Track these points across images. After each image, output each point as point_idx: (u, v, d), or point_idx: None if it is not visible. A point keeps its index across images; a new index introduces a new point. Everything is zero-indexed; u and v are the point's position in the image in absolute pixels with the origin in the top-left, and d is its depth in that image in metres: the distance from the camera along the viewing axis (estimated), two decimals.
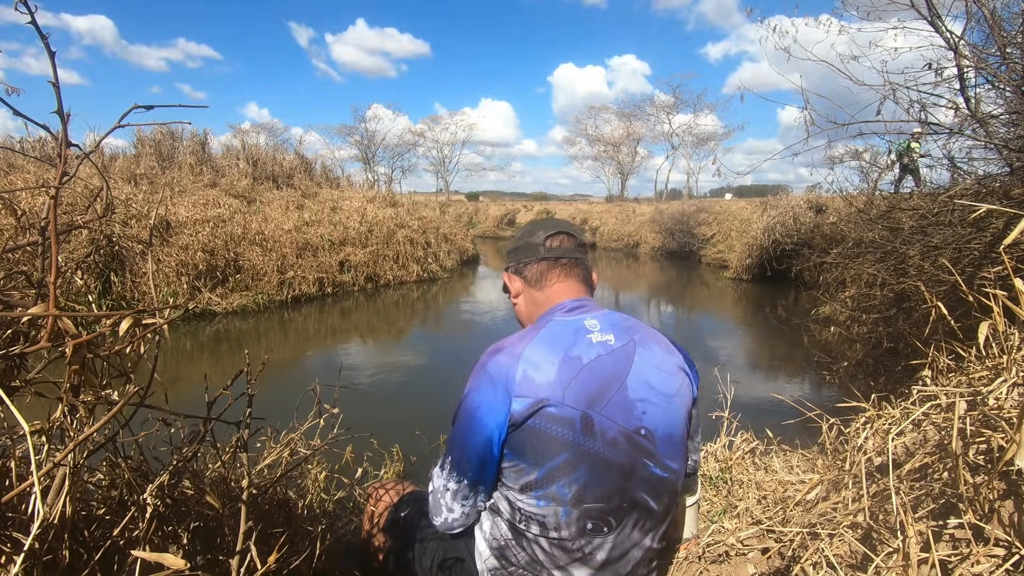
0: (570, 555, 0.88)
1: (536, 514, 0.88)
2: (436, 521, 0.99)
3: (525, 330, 0.97)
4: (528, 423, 0.84)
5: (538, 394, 0.84)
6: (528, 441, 0.85)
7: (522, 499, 0.88)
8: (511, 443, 0.86)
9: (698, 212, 16.61)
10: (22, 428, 0.58)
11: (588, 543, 0.87)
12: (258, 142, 15.21)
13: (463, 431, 0.90)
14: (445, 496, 0.95)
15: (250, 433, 1.03)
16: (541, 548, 0.89)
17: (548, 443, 0.84)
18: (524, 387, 0.85)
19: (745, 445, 1.91)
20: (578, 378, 0.86)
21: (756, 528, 1.33)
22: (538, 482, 0.86)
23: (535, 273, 1.04)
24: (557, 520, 0.86)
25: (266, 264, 7.64)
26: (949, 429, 0.94)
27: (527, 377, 0.85)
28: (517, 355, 0.88)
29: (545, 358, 0.87)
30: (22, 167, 7.26)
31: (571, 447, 0.85)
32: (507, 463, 0.88)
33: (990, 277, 1.87)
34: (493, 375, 0.88)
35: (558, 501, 0.86)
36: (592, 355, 0.89)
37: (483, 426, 0.87)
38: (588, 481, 0.86)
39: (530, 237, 1.06)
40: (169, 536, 0.93)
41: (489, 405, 0.86)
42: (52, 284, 0.61)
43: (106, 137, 0.76)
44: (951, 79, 2.55)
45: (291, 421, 1.51)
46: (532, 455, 0.85)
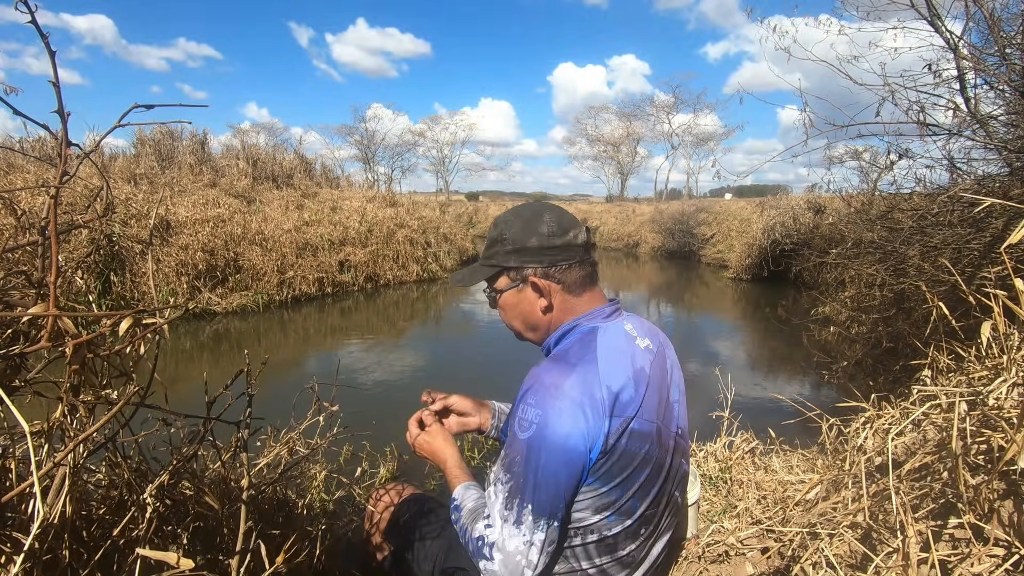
0: (616, 559, 0.87)
1: (600, 528, 0.84)
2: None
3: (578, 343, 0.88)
4: (618, 444, 0.79)
5: (625, 412, 0.80)
6: (617, 464, 0.80)
7: (591, 517, 0.84)
8: (599, 468, 0.80)
9: (698, 212, 16.61)
10: (22, 428, 0.58)
11: (635, 547, 0.88)
12: (258, 142, 15.23)
13: (551, 467, 0.78)
14: (529, 553, 0.79)
15: (250, 433, 1.03)
16: (588, 555, 0.86)
17: (634, 462, 0.81)
18: (612, 406, 0.79)
19: (745, 445, 1.91)
20: (648, 390, 0.84)
21: (756, 528, 1.33)
22: (616, 502, 0.83)
23: (577, 277, 0.92)
24: (619, 529, 0.85)
25: (266, 264, 7.64)
26: (949, 429, 0.94)
27: (612, 394, 0.79)
28: (595, 372, 0.81)
29: (620, 372, 0.82)
30: (22, 167, 7.25)
31: (651, 462, 0.83)
32: (588, 487, 0.81)
33: (990, 277, 1.87)
34: (577, 397, 0.78)
35: (629, 515, 0.84)
36: (647, 364, 0.87)
37: (577, 455, 0.78)
38: (653, 491, 0.86)
39: (564, 236, 0.91)
40: (169, 536, 0.93)
41: (581, 431, 0.77)
42: (52, 284, 0.61)
43: (106, 137, 0.76)
44: (950, 80, 2.55)
45: (290, 421, 1.51)
46: (619, 477, 0.81)
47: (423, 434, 1.10)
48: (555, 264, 0.91)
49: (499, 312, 1.01)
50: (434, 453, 1.08)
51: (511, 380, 0.86)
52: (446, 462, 1.05)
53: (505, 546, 0.80)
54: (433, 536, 1.12)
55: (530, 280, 0.92)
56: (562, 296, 0.93)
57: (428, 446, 1.09)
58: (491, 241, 0.97)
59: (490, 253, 0.96)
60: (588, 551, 0.86)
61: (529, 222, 0.92)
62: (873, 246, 3.16)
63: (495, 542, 0.81)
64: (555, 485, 0.78)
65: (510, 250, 0.93)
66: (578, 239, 0.92)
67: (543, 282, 0.92)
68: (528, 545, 0.79)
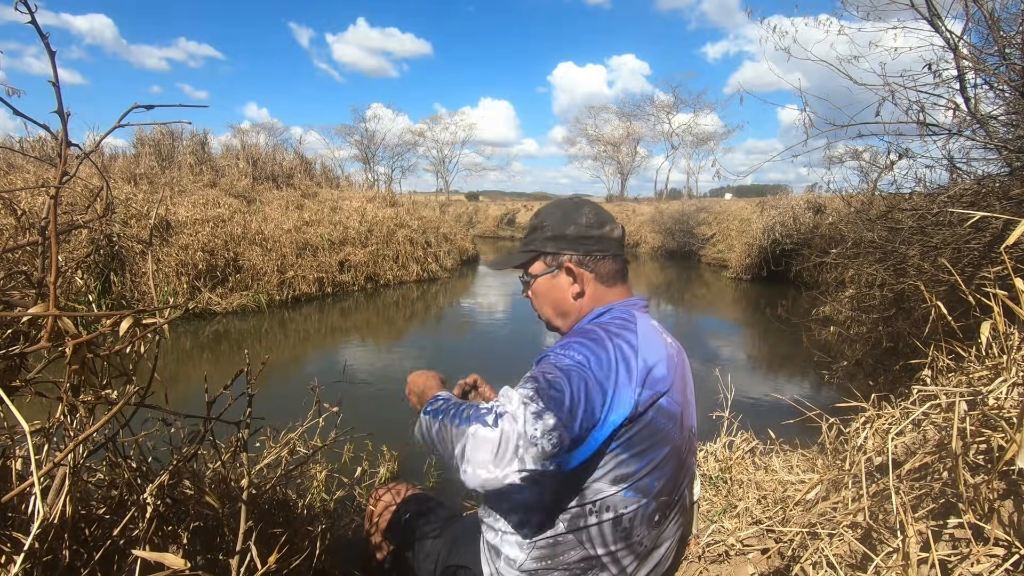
0: (630, 546, 0.88)
1: (617, 505, 0.85)
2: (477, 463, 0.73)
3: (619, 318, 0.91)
4: (645, 415, 0.83)
5: (656, 387, 0.84)
6: (641, 433, 0.83)
7: (607, 490, 0.84)
8: (624, 434, 0.82)
9: (698, 212, 16.61)
10: (22, 428, 0.58)
11: (648, 534, 0.89)
12: (258, 142, 15.21)
13: (586, 398, 0.76)
14: (526, 449, 0.72)
15: (250, 433, 1.03)
16: (603, 540, 0.86)
17: (657, 436, 0.85)
18: (647, 376, 0.83)
19: (745, 445, 1.91)
20: (676, 375, 0.89)
21: (756, 528, 1.33)
22: (635, 474, 0.84)
23: (610, 270, 0.97)
24: (636, 512, 0.86)
25: (266, 264, 7.64)
26: (949, 429, 0.94)
27: (647, 367, 0.84)
28: (635, 344, 0.85)
29: (655, 352, 0.87)
30: (22, 167, 7.25)
31: (671, 442, 0.87)
32: (610, 453, 0.83)
33: (990, 277, 1.87)
34: (619, 356, 0.82)
35: (645, 493, 0.86)
36: (675, 353, 0.93)
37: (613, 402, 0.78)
38: (670, 476, 0.89)
39: (601, 229, 0.97)
40: (169, 536, 0.93)
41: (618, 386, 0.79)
42: (52, 284, 0.61)
43: (106, 137, 0.76)
44: (950, 80, 2.55)
45: (291, 421, 1.51)
46: (640, 447, 0.84)
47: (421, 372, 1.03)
48: (590, 253, 0.96)
49: (531, 300, 1.04)
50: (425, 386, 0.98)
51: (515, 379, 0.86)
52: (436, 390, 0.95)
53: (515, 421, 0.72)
54: (434, 535, 1.12)
55: (565, 265, 0.97)
56: (594, 285, 0.97)
57: (422, 378, 1.00)
58: (531, 228, 1.02)
59: (529, 239, 1.02)
60: (603, 533, 0.86)
61: (568, 213, 0.98)
62: (873, 246, 3.16)
63: (505, 413, 0.74)
64: (583, 395, 0.76)
65: (548, 236, 0.98)
66: (614, 233, 0.98)
67: (577, 269, 0.96)
68: (523, 436, 0.72)
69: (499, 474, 0.72)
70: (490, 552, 0.97)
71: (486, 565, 0.97)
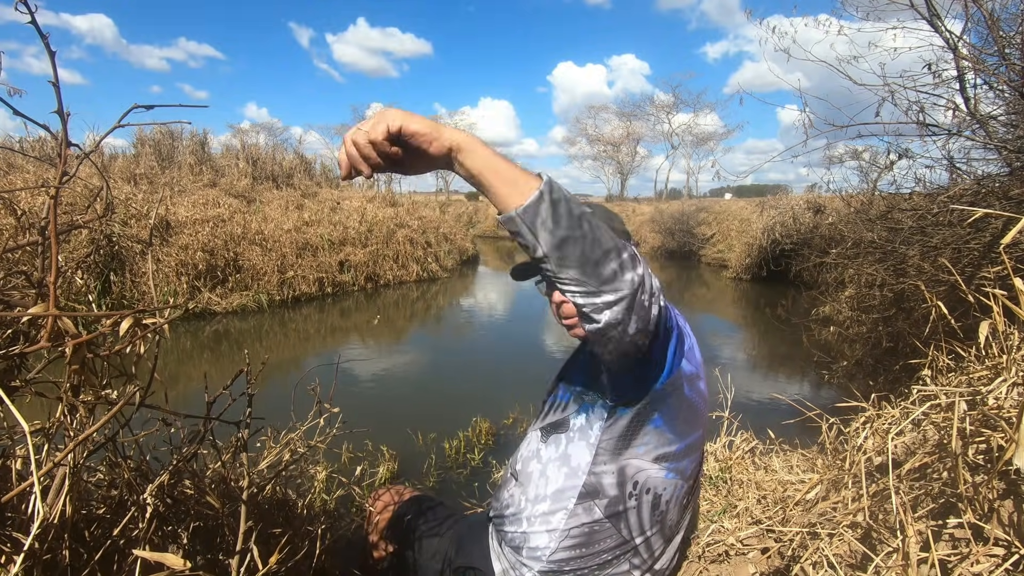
0: (662, 530, 0.90)
1: (657, 487, 0.86)
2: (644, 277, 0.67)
3: None
4: (689, 389, 0.84)
5: (698, 368, 0.87)
6: (683, 409, 0.84)
7: (650, 469, 0.85)
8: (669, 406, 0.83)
9: (698, 212, 16.60)
10: (22, 428, 0.58)
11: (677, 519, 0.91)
12: (258, 142, 15.19)
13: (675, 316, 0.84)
14: (627, 272, 0.65)
15: (250, 433, 1.03)
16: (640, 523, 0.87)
17: (695, 416, 0.87)
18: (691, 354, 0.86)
19: (745, 445, 1.91)
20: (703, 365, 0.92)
21: (756, 528, 1.33)
22: (676, 454, 0.86)
23: None
24: (673, 493, 0.88)
25: (266, 264, 7.64)
26: (949, 429, 0.94)
27: (692, 347, 0.87)
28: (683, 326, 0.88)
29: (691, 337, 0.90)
30: (22, 167, 7.25)
31: (704, 424, 0.90)
32: (654, 427, 0.84)
33: (990, 277, 1.88)
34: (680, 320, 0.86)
35: (682, 475, 0.88)
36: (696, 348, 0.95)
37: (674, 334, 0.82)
38: (699, 460, 0.92)
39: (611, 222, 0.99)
40: (169, 536, 0.93)
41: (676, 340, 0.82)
42: (52, 284, 0.61)
43: (106, 137, 0.76)
44: (950, 80, 2.55)
45: (291, 421, 1.51)
46: (682, 424, 0.85)
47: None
48: None
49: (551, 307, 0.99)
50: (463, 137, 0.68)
51: (515, 379, 0.86)
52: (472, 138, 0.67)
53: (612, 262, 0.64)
54: (435, 534, 1.12)
55: None
56: None
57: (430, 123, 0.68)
58: None
59: None
60: (641, 517, 0.87)
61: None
62: (873, 246, 3.16)
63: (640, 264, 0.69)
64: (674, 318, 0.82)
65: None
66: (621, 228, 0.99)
67: None
68: (631, 270, 0.66)
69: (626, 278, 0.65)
70: (505, 547, 0.95)
71: (497, 562, 0.97)
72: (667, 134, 33.19)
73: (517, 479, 0.97)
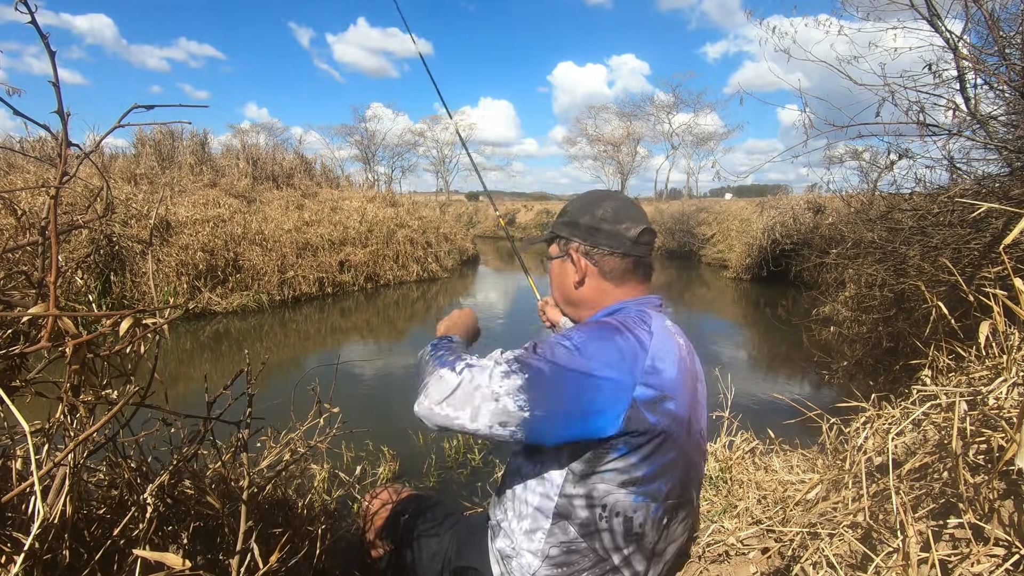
0: (642, 549, 0.88)
1: (626, 510, 0.84)
2: (436, 409, 0.79)
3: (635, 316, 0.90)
4: (651, 415, 0.80)
5: (663, 388, 0.82)
6: (645, 435, 0.81)
7: (616, 494, 0.83)
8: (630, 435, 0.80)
9: (698, 212, 16.61)
10: (22, 428, 0.58)
11: (660, 538, 0.89)
12: (258, 142, 15.20)
13: (567, 373, 0.78)
14: (487, 404, 0.77)
15: (250, 433, 1.03)
16: (616, 545, 0.86)
17: (664, 440, 0.82)
18: (652, 376, 0.81)
19: (745, 445, 1.91)
20: (686, 378, 0.87)
21: (756, 528, 1.33)
22: (644, 478, 0.83)
23: (615, 267, 0.96)
24: (646, 516, 0.85)
25: (266, 264, 7.64)
26: (949, 429, 0.94)
27: (655, 367, 0.82)
28: (647, 344, 0.84)
29: (666, 353, 0.85)
30: (22, 167, 7.26)
31: (678, 446, 0.85)
32: (617, 455, 0.81)
33: (990, 277, 1.87)
34: (623, 348, 0.81)
35: (654, 498, 0.85)
36: (687, 356, 0.91)
37: (598, 391, 0.77)
38: (678, 479, 0.88)
39: (614, 225, 0.94)
40: (169, 536, 0.93)
41: (614, 376, 0.78)
42: (52, 284, 0.61)
43: (106, 137, 0.76)
44: (950, 80, 2.55)
45: (290, 421, 1.51)
46: (647, 451, 0.82)
47: (467, 311, 1.13)
48: (597, 246, 0.95)
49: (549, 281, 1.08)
50: (456, 325, 1.07)
51: None
52: (458, 333, 1.04)
53: (478, 375, 0.79)
54: (434, 535, 1.12)
55: (570, 252, 0.98)
56: (597, 280, 0.97)
57: (461, 318, 1.10)
58: (559, 213, 1.04)
59: (554, 223, 1.04)
60: (615, 538, 0.86)
61: (588, 204, 0.98)
62: (873, 246, 3.16)
63: (476, 365, 0.81)
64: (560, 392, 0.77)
65: (565, 222, 1.00)
66: (629, 232, 0.94)
67: (581, 259, 0.97)
68: (492, 394, 0.76)
69: (448, 413, 0.78)
70: (501, 556, 0.95)
71: (496, 566, 0.96)
72: (667, 134, 33.17)
73: (504, 493, 0.98)
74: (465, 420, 0.78)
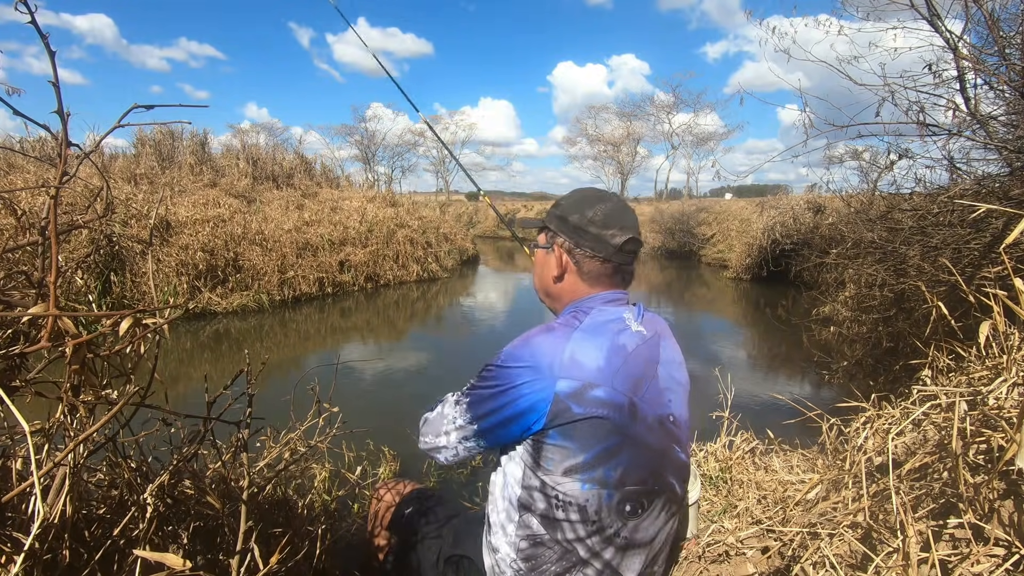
0: (606, 539, 0.89)
1: (577, 498, 0.87)
2: (428, 439, 1.00)
3: (565, 317, 0.96)
4: (577, 405, 0.84)
5: (586, 377, 0.85)
6: (577, 424, 0.84)
7: (563, 483, 0.86)
8: (558, 425, 0.85)
9: (698, 212, 16.61)
10: (22, 428, 0.58)
11: (624, 525, 0.89)
12: (258, 142, 15.19)
13: (497, 391, 0.88)
14: (450, 427, 0.96)
15: (250, 433, 1.03)
16: (577, 535, 0.88)
17: (598, 426, 0.85)
18: (572, 369, 0.85)
19: (745, 445, 1.91)
20: (625, 365, 0.89)
21: (756, 528, 1.33)
22: (584, 465, 0.86)
23: (594, 269, 0.99)
24: (599, 503, 0.87)
25: (266, 264, 7.64)
26: (949, 429, 0.94)
27: (575, 360, 0.86)
28: (567, 337, 0.88)
29: (593, 343, 0.88)
30: (22, 167, 7.26)
31: (619, 431, 0.87)
32: (552, 444, 0.86)
33: (990, 277, 1.88)
34: (538, 351, 0.87)
35: (603, 484, 0.87)
36: (633, 344, 0.92)
37: (523, 395, 0.86)
38: (630, 464, 0.88)
39: (602, 230, 0.97)
40: (169, 536, 0.93)
41: (533, 380, 0.85)
42: (52, 284, 0.61)
43: (106, 137, 0.76)
44: (950, 80, 2.55)
45: (290, 421, 1.51)
46: (581, 438, 0.85)
47: None
48: (580, 246, 0.98)
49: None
50: None
51: None
52: None
53: (443, 408, 0.99)
54: (436, 531, 1.13)
55: (554, 246, 1.02)
56: (575, 278, 1.00)
57: None
58: (553, 204, 1.08)
59: (548, 212, 1.07)
60: (575, 528, 0.88)
61: (581, 202, 1.01)
62: (873, 246, 3.16)
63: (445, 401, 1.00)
64: (490, 403, 0.90)
65: (556, 215, 1.03)
66: (614, 239, 0.97)
67: (563, 255, 1.01)
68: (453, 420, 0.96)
69: (436, 442, 0.98)
70: (491, 548, 0.98)
71: (487, 557, 0.99)
72: (667, 134, 33.17)
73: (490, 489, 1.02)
74: (440, 442, 0.97)
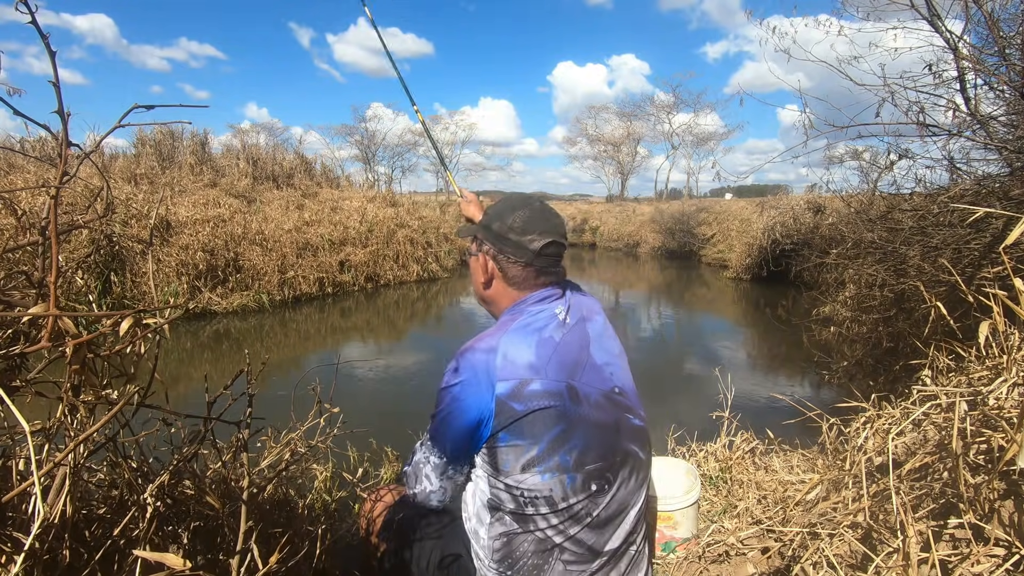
0: (579, 522, 0.91)
1: (541, 490, 0.89)
2: (415, 490, 1.04)
3: (498, 324, 1.01)
4: (518, 403, 0.88)
5: (520, 374, 0.89)
6: (523, 420, 0.88)
7: (525, 479, 0.89)
8: (505, 426, 0.88)
9: (698, 212, 16.61)
10: (23, 428, 0.58)
11: (595, 504, 0.91)
12: (258, 142, 15.20)
13: (446, 414, 0.94)
14: (426, 468, 1.00)
15: (250, 433, 1.03)
16: (550, 524, 0.90)
17: (542, 418, 0.88)
18: (505, 370, 0.89)
19: (745, 445, 1.91)
20: (556, 354, 0.93)
21: (756, 528, 1.33)
22: (540, 457, 0.89)
23: (518, 275, 1.02)
24: (564, 489, 0.89)
25: (266, 264, 7.64)
26: (949, 429, 0.94)
27: (507, 361, 0.90)
28: (494, 345, 0.92)
29: (522, 342, 0.93)
30: (22, 167, 7.25)
31: (564, 417, 0.90)
32: (504, 445, 0.89)
33: (990, 277, 1.87)
34: (473, 365, 0.92)
35: (562, 470, 0.89)
36: (560, 334, 0.96)
37: (468, 408, 0.90)
38: (585, 445, 0.91)
39: (521, 236, 1.00)
40: (169, 536, 0.93)
41: (472, 391, 0.90)
42: (52, 284, 0.61)
43: (106, 137, 0.76)
44: (950, 80, 2.55)
45: (291, 421, 1.51)
46: (530, 432, 0.88)
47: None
48: (503, 253, 1.02)
49: None
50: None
51: None
52: None
53: (415, 456, 1.04)
54: (432, 532, 1.13)
55: (480, 253, 1.06)
56: (501, 283, 1.04)
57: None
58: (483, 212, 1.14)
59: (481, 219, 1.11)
60: (546, 516, 0.89)
61: (503, 211, 1.04)
62: (873, 246, 3.16)
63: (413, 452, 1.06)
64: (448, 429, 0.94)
65: (483, 223, 1.07)
66: (532, 245, 1.00)
67: (489, 262, 1.04)
68: (426, 461, 1.00)
69: (422, 489, 1.02)
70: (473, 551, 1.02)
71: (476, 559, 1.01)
72: (667, 134, 33.12)
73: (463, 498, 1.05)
74: (426, 487, 1.02)
